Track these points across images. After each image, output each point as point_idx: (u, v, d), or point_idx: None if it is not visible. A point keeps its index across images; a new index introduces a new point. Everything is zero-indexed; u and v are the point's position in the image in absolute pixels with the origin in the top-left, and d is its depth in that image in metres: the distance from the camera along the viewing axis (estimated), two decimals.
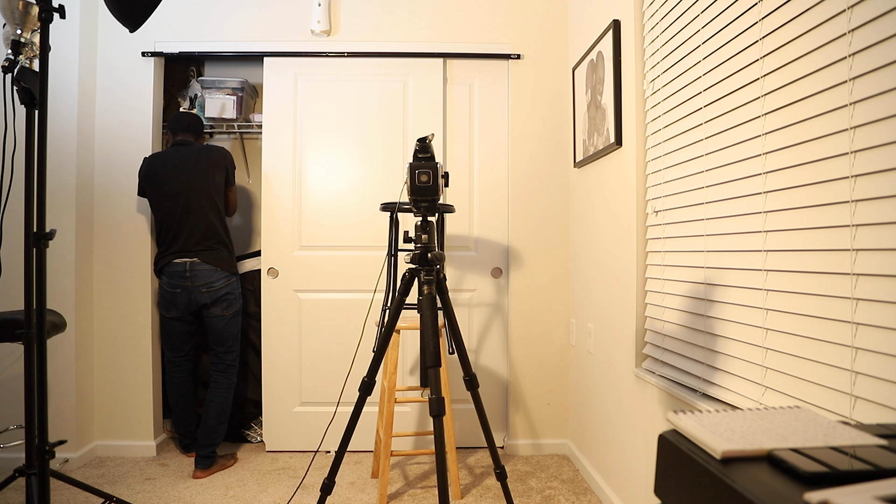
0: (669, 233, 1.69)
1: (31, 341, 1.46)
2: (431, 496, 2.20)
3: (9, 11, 1.46)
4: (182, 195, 2.36)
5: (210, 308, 2.40)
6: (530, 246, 2.71)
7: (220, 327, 2.42)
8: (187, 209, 2.36)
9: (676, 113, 1.63)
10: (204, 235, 2.37)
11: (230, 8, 2.69)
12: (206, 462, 2.37)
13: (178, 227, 2.37)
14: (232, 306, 2.44)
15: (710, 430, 0.57)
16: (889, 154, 0.89)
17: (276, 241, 2.69)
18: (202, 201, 2.38)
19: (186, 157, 2.40)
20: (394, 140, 2.71)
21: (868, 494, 0.40)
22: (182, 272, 2.36)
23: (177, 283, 2.37)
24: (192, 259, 2.35)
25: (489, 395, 2.75)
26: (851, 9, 0.96)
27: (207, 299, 2.37)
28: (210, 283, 2.36)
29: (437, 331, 1.58)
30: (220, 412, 2.40)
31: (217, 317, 2.41)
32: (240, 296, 2.49)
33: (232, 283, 2.43)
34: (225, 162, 2.47)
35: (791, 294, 1.14)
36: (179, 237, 2.37)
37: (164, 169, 2.38)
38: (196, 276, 2.35)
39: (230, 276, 2.43)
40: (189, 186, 2.36)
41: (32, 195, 1.47)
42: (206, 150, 2.43)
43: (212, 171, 2.40)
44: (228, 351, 2.45)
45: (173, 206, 2.36)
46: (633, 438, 1.89)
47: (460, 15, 2.72)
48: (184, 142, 2.46)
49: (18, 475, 1.64)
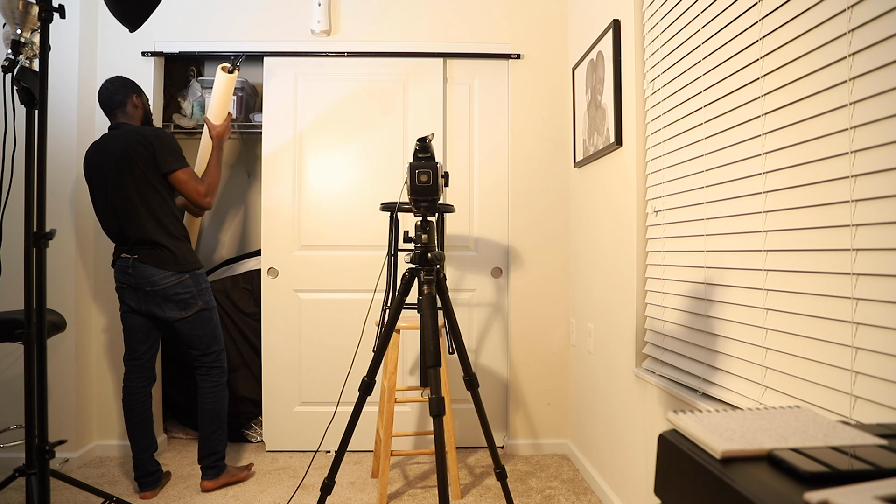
0: (669, 232, 1.69)
1: (31, 341, 1.46)
2: (431, 496, 2.20)
3: (9, 11, 1.46)
4: (107, 192, 2.09)
5: (165, 311, 2.12)
6: (530, 245, 2.71)
7: (184, 331, 2.16)
8: (113, 209, 2.09)
9: (676, 113, 1.63)
10: (138, 238, 2.08)
11: (230, 8, 2.69)
12: (211, 472, 2.22)
13: (112, 227, 2.13)
14: (189, 306, 2.14)
15: (710, 429, 0.57)
16: (889, 154, 0.89)
17: (276, 240, 2.69)
18: (126, 200, 2.07)
19: (109, 147, 2.10)
20: (394, 140, 2.71)
21: (868, 494, 0.40)
22: (125, 268, 2.11)
23: (122, 279, 2.13)
24: (133, 256, 2.10)
25: (489, 394, 2.75)
26: (851, 9, 0.96)
27: (155, 299, 2.11)
28: (153, 281, 2.09)
29: (437, 331, 1.58)
30: (213, 417, 2.21)
31: (178, 321, 2.14)
32: (201, 294, 2.18)
33: (184, 282, 2.13)
34: (142, 148, 2.07)
35: (791, 294, 1.14)
36: (118, 237, 2.13)
37: (92, 161, 2.14)
38: (138, 274, 2.09)
39: (178, 274, 2.11)
40: (114, 182, 2.07)
41: (32, 195, 1.46)
42: (123, 136, 2.10)
43: (130, 164, 2.06)
44: (206, 353, 2.21)
45: (103, 204, 2.12)
46: (633, 438, 1.89)
47: (460, 15, 2.72)
48: (115, 124, 2.17)
49: (18, 475, 1.64)
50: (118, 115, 2.19)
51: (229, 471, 2.29)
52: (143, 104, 2.25)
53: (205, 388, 2.22)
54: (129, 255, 2.11)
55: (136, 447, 2.18)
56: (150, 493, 2.18)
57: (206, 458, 2.21)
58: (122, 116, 2.18)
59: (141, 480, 2.19)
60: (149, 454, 2.20)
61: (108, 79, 2.20)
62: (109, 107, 2.18)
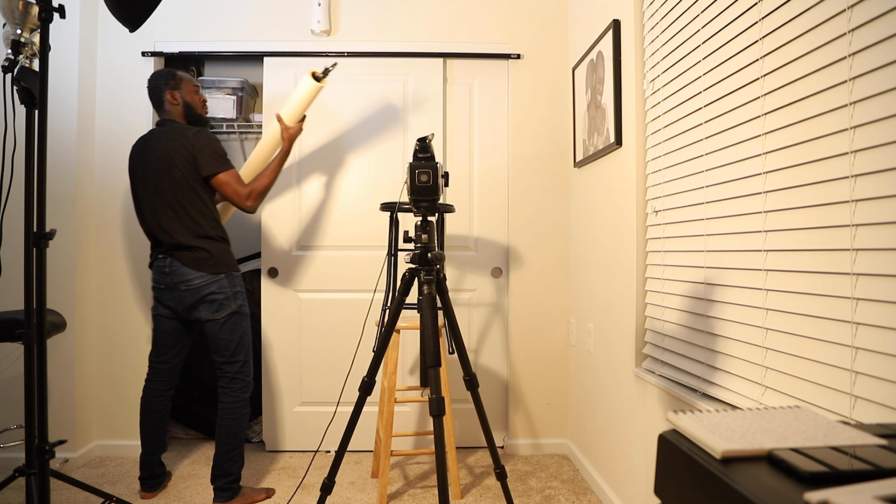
0: (669, 232, 1.69)
1: (31, 341, 1.46)
2: (431, 496, 2.20)
3: (9, 11, 1.46)
4: (146, 193, 2.08)
5: (199, 311, 2.08)
6: (530, 246, 2.71)
7: (213, 333, 2.09)
8: (152, 211, 2.07)
9: (676, 113, 1.63)
10: (176, 240, 2.05)
11: (230, 8, 2.69)
12: (224, 495, 2.07)
13: (150, 228, 2.10)
14: (222, 309, 2.08)
15: (710, 429, 0.57)
16: (889, 154, 0.89)
17: (276, 240, 2.69)
18: (164, 203, 2.05)
19: (152, 145, 2.07)
20: (394, 140, 2.71)
21: (868, 494, 0.40)
22: (162, 268, 2.09)
23: (160, 279, 2.11)
24: (170, 256, 2.08)
25: (489, 394, 2.75)
26: (851, 9, 0.96)
27: (189, 299, 2.07)
28: (188, 280, 2.05)
29: (437, 331, 1.58)
30: (230, 436, 2.07)
31: (209, 321, 2.08)
32: (234, 296, 2.11)
33: (219, 282, 2.08)
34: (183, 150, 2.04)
35: (791, 294, 1.14)
36: (156, 238, 2.11)
37: (135, 158, 2.11)
38: (174, 273, 2.06)
39: (213, 275, 2.07)
40: (154, 184, 2.05)
41: (32, 195, 1.47)
42: (165, 135, 2.07)
43: (169, 167, 2.03)
44: (230, 361, 2.10)
45: (142, 205, 2.10)
46: (633, 438, 1.89)
47: (460, 15, 2.72)
48: (161, 121, 2.14)
49: (18, 475, 1.64)
50: (161, 112, 2.16)
51: (245, 493, 2.13)
52: (181, 98, 2.16)
53: (224, 404, 2.09)
54: (166, 256, 2.08)
55: (146, 448, 2.16)
56: (151, 494, 2.18)
57: (219, 478, 2.07)
58: (164, 114, 2.15)
59: (145, 481, 2.18)
60: (157, 457, 2.19)
61: (154, 72, 2.18)
62: (154, 104, 2.16)
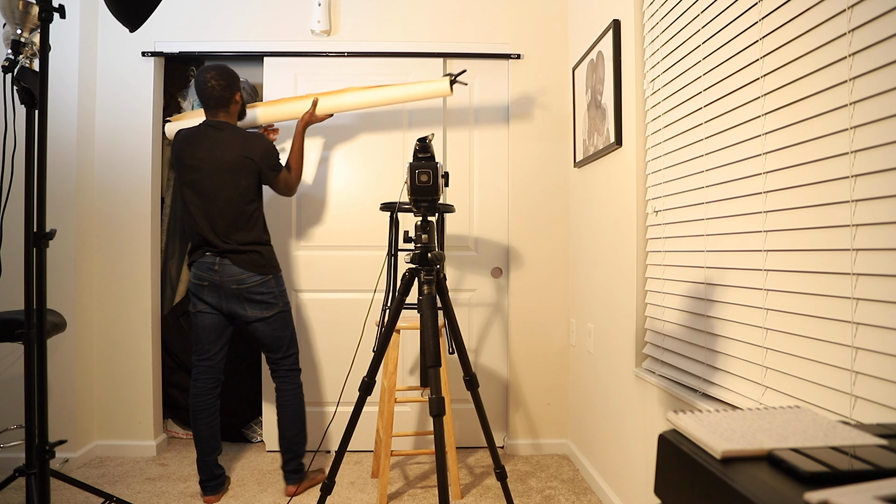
0: (669, 233, 1.69)
1: (31, 341, 1.46)
2: (431, 496, 2.20)
3: (9, 11, 1.46)
4: (203, 195, 2.09)
5: (246, 309, 2.13)
6: (530, 246, 2.71)
7: (266, 332, 2.16)
8: (207, 214, 2.09)
9: (676, 113, 1.63)
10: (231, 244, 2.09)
11: (230, 8, 2.69)
12: (295, 477, 2.19)
13: (200, 228, 2.10)
14: (271, 307, 2.16)
15: (710, 429, 0.57)
16: (889, 154, 0.89)
17: (276, 240, 2.69)
18: (225, 209, 2.09)
19: (212, 149, 2.09)
20: (394, 140, 2.71)
21: (868, 494, 0.40)
22: (210, 265, 2.10)
23: (204, 276, 2.11)
24: (221, 256, 2.10)
25: (489, 394, 2.75)
26: (851, 9, 0.96)
27: (238, 298, 2.12)
28: (239, 280, 2.10)
29: (437, 331, 1.58)
30: (297, 419, 2.19)
31: (258, 321, 2.15)
32: (281, 295, 2.20)
33: (268, 283, 2.15)
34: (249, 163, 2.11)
35: (791, 294, 1.14)
36: (203, 238, 2.11)
37: (189, 161, 2.10)
38: (224, 272, 2.09)
39: (263, 276, 2.14)
40: (216, 189, 2.08)
41: (32, 195, 1.47)
42: (230, 144, 2.09)
43: (236, 176, 2.09)
44: (286, 356, 2.20)
45: (195, 206, 2.11)
46: (633, 438, 1.89)
47: (460, 15, 2.72)
48: (216, 124, 2.13)
49: (18, 475, 1.64)
50: (220, 113, 2.16)
51: (309, 475, 2.29)
52: (241, 98, 2.22)
53: (286, 392, 2.19)
54: (216, 255, 2.10)
55: (202, 449, 2.14)
56: (214, 497, 2.15)
57: (291, 461, 2.18)
58: (224, 116, 2.16)
59: (206, 484, 2.15)
60: (213, 457, 2.16)
61: (213, 69, 2.12)
62: (215, 104, 2.14)
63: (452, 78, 2.23)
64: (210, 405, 2.17)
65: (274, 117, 2.39)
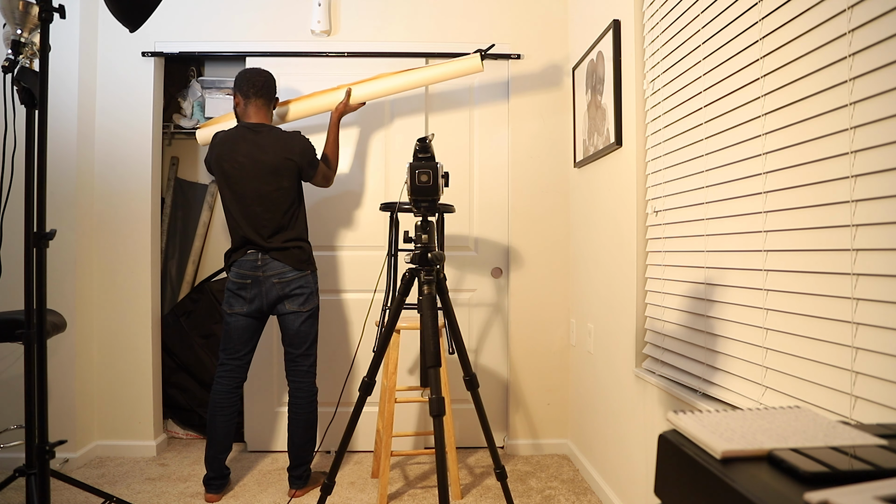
0: (669, 233, 1.69)
1: (31, 341, 1.46)
2: (431, 496, 2.20)
3: (9, 11, 1.46)
4: (244, 196, 2.13)
5: (284, 303, 2.17)
6: (530, 246, 2.71)
7: (296, 325, 2.19)
8: (249, 214, 2.13)
9: (676, 113, 1.63)
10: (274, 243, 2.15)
11: (230, 8, 2.69)
12: (300, 482, 2.20)
13: (243, 229, 2.14)
14: (308, 302, 2.20)
15: (710, 430, 0.57)
16: (889, 154, 0.89)
17: None
18: (268, 210, 2.13)
19: (252, 152, 2.12)
20: (394, 140, 2.71)
21: (868, 494, 0.40)
22: (253, 262, 2.15)
23: (246, 274, 2.15)
24: (264, 254, 2.15)
25: (489, 395, 2.75)
26: (851, 9, 0.96)
27: (278, 291, 2.15)
28: (281, 273, 2.14)
29: (437, 331, 1.58)
30: (308, 427, 2.19)
31: (292, 313, 2.18)
32: (317, 293, 2.25)
33: (307, 277, 2.19)
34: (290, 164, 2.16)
35: (791, 294, 1.14)
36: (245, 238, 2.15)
37: (230, 164, 2.13)
38: (267, 267, 2.14)
39: (302, 271, 2.18)
40: (258, 190, 2.12)
41: (32, 195, 1.47)
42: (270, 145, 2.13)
43: (278, 178, 2.14)
44: (306, 354, 2.22)
45: (237, 207, 2.14)
46: (633, 438, 1.89)
47: (460, 15, 2.72)
48: (253, 126, 2.16)
49: (18, 475, 1.64)
50: (263, 112, 2.21)
51: (314, 477, 2.29)
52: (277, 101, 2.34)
53: (299, 397, 2.19)
54: (258, 251, 2.14)
55: (215, 446, 2.15)
56: (216, 495, 2.16)
57: (298, 468, 2.19)
58: (266, 115, 2.23)
59: (211, 482, 2.16)
60: (225, 456, 2.18)
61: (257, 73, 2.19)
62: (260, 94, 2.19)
63: (483, 53, 2.23)
64: (232, 404, 2.18)
65: (308, 111, 2.40)
